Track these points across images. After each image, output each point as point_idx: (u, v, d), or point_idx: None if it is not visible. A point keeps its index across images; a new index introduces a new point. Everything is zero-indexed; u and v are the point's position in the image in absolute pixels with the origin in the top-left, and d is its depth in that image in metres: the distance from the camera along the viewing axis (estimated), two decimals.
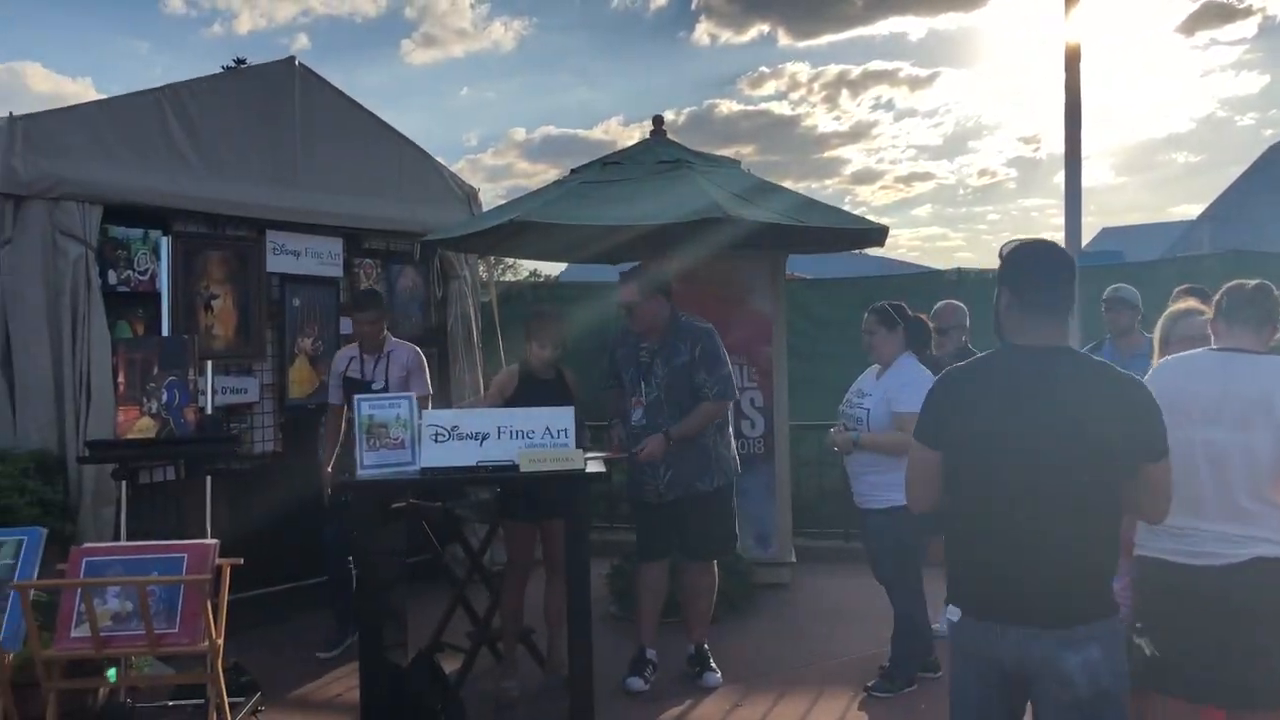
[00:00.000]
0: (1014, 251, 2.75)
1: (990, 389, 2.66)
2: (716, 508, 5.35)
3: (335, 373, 5.95)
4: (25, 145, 5.32)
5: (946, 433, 2.71)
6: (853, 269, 15.51)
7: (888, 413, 5.01)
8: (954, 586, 2.73)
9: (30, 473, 5.05)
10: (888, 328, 5.14)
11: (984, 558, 2.62)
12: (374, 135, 7.31)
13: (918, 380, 4.99)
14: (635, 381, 5.28)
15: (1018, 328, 2.69)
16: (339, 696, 5.29)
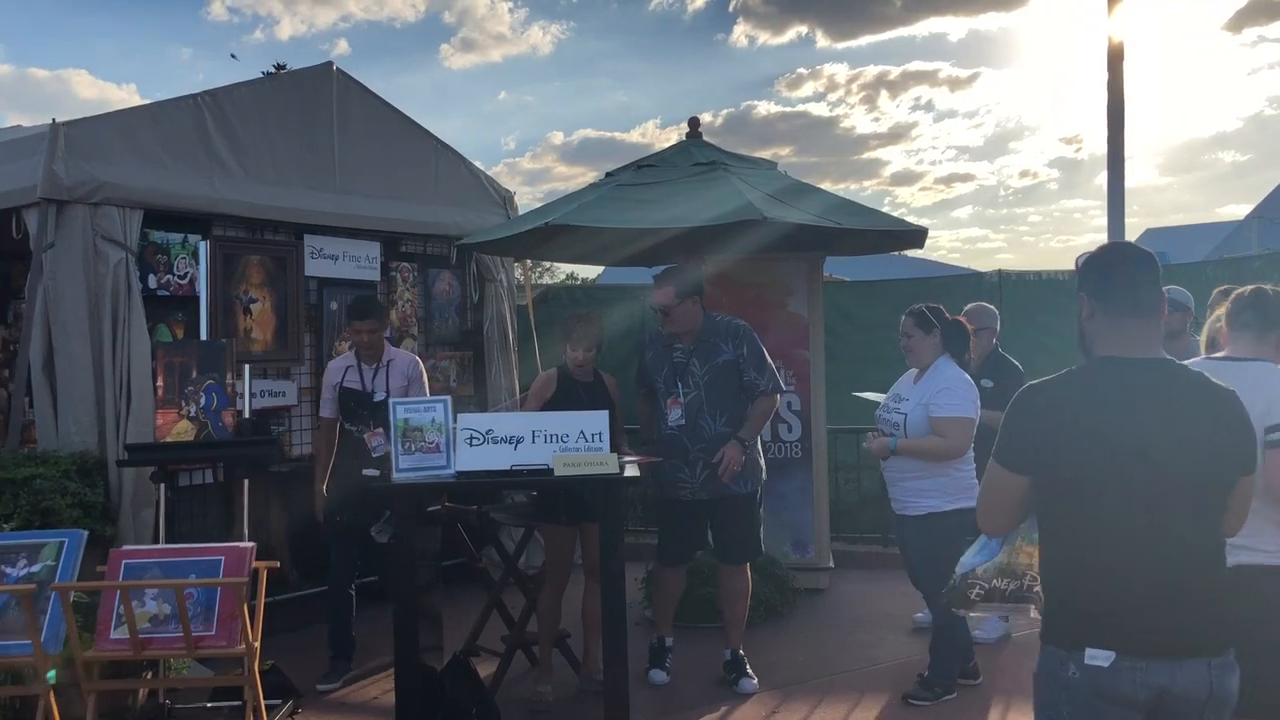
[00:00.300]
0: (1092, 257, 2.59)
1: (1093, 408, 2.41)
2: (748, 511, 5.34)
3: (329, 384, 5.61)
4: (68, 150, 5.38)
5: (1041, 457, 2.44)
6: (892, 271, 15.39)
7: (925, 417, 4.93)
8: (1088, 626, 2.38)
9: (72, 475, 5.10)
10: (924, 330, 5.06)
11: (1125, 592, 2.34)
12: (411, 139, 7.34)
13: (956, 384, 4.94)
14: (671, 382, 5.26)
15: (1105, 338, 2.49)
16: (375, 699, 5.30)
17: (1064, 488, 2.41)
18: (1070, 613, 2.41)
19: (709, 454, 5.15)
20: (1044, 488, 2.45)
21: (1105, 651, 2.33)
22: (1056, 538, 2.46)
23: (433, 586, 4.95)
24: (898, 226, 6.46)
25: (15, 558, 4.24)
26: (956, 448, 4.88)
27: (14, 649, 4.08)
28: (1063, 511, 2.43)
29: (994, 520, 2.67)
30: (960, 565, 2.98)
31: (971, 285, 9.41)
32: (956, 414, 4.88)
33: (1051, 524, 2.48)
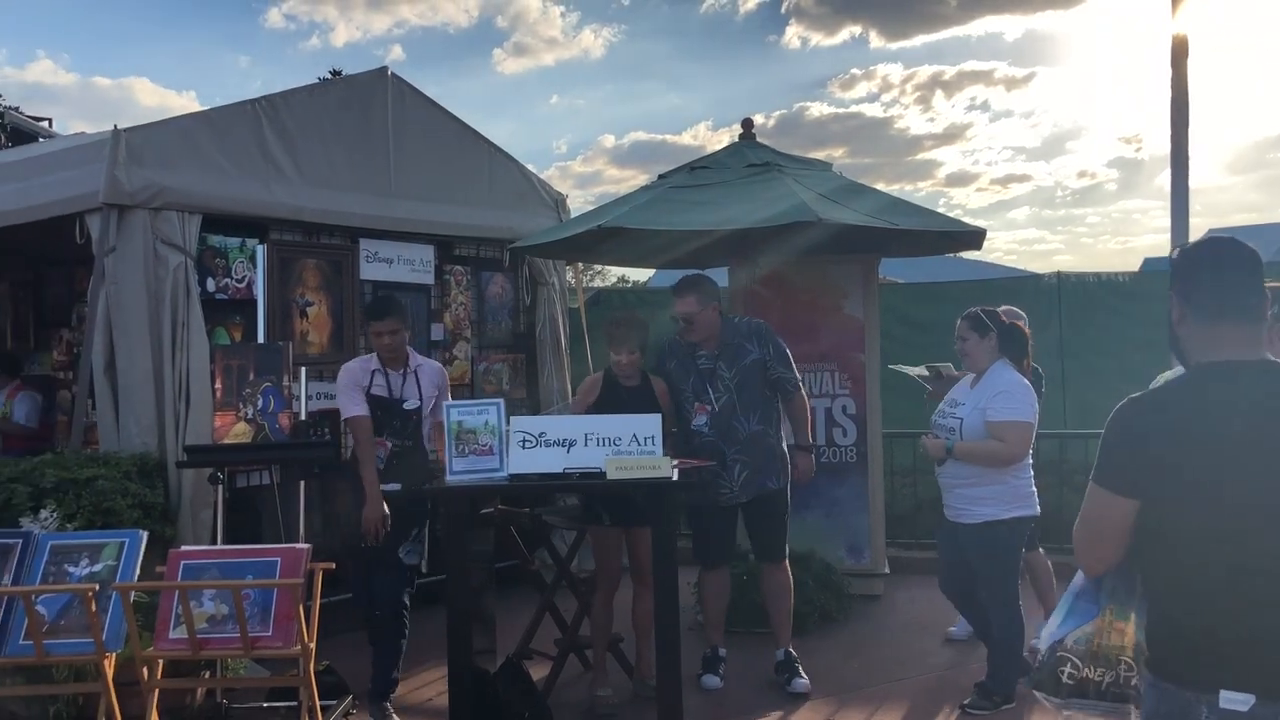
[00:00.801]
0: (1184, 254, 2.38)
1: (1211, 420, 2.18)
2: (781, 506, 5.40)
3: (355, 384, 5.05)
4: (129, 156, 5.47)
5: (1154, 478, 2.20)
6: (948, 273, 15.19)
7: (982, 422, 4.84)
8: (1223, 666, 2.14)
9: (132, 475, 5.18)
10: (979, 334, 4.97)
11: (1264, 627, 2.11)
12: (464, 143, 7.38)
13: (1013, 388, 4.85)
14: (700, 389, 5.26)
15: (1203, 343, 2.27)
16: (428, 701, 5.32)
17: (1186, 511, 2.17)
18: (1199, 649, 2.17)
19: (746, 455, 5.21)
20: (1159, 512, 2.21)
21: (1244, 695, 2.11)
22: (1178, 567, 2.21)
23: (486, 589, 4.95)
24: (955, 227, 6.37)
25: (78, 557, 4.31)
26: (1015, 453, 4.79)
27: (77, 647, 4.15)
28: (1186, 537, 2.18)
29: (1096, 551, 2.37)
30: (1045, 636, 2.67)
31: (1029, 287, 9.26)
32: (1014, 418, 4.79)
33: (1170, 552, 2.22)
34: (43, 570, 4.27)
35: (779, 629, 5.46)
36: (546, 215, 7.82)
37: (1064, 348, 8.92)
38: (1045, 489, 7.73)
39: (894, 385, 7.30)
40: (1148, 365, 4.33)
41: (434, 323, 7.20)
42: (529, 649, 5.50)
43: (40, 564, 4.29)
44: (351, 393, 5.06)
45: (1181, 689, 2.16)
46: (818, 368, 6.92)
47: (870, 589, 6.93)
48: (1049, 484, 7.74)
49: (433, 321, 7.18)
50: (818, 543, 6.62)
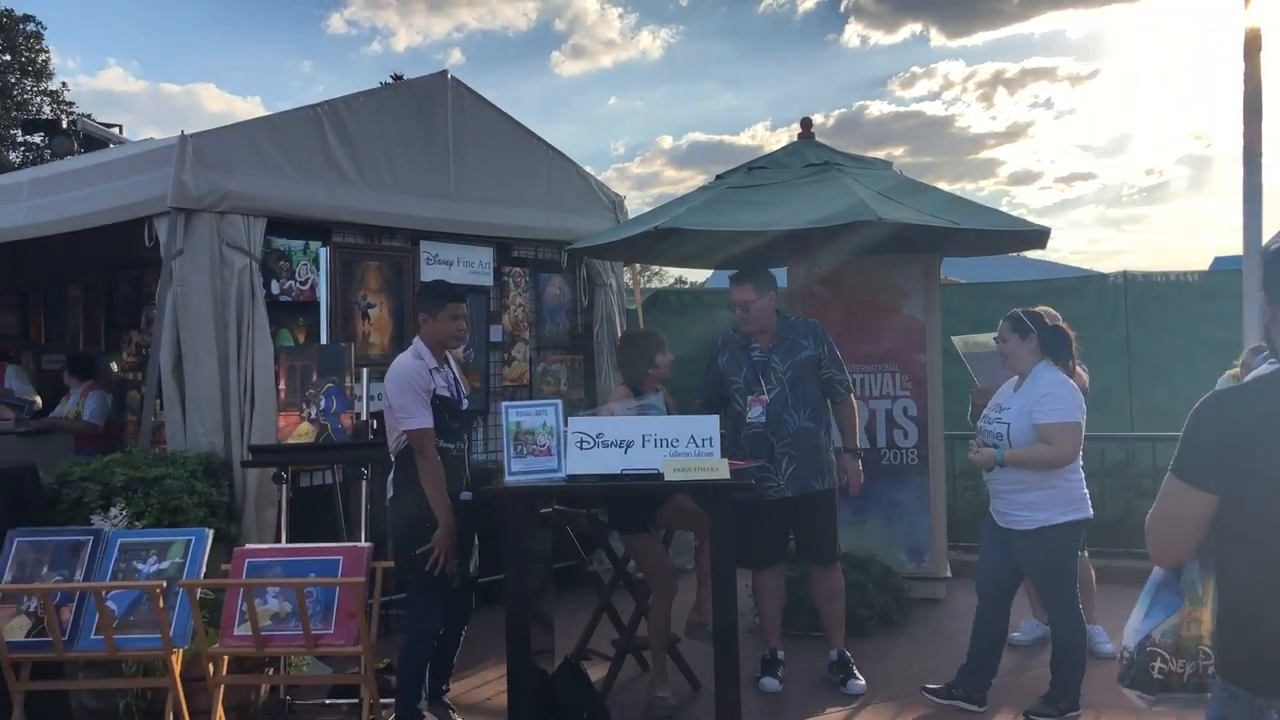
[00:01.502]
0: (1273, 254, 2.30)
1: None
2: (829, 509, 5.41)
3: (423, 388, 4.54)
4: (195, 161, 5.57)
5: (1236, 473, 2.13)
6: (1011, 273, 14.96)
7: (1030, 426, 4.74)
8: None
9: (199, 475, 5.27)
10: (1020, 335, 4.87)
11: None
12: (523, 146, 7.42)
13: (1059, 389, 4.75)
14: (753, 380, 5.29)
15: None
16: (487, 700, 5.34)
17: (1268, 511, 2.10)
18: (1274, 655, 2.11)
19: (794, 449, 5.22)
20: (1239, 509, 2.15)
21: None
22: (1255, 568, 2.14)
23: (544, 589, 4.97)
24: (1018, 226, 6.27)
25: (146, 554, 4.41)
26: (1065, 454, 4.70)
27: (145, 643, 4.23)
28: (1264, 538, 2.12)
29: (1171, 545, 2.33)
30: (1132, 633, 2.64)
31: (1094, 287, 9.08)
32: (1063, 419, 4.70)
33: (1247, 552, 2.16)
34: (113, 567, 4.37)
35: (833, 630, 5.46)
36: (604, 217, 7.84)
37: (1130, 349, 8.73)
38: (1112, 493, 7.62)
39: (956, 386, 7.20)
40: (1218, 366, 4.21)
41: (493, 324, 7.24)
42: (587, 649, 5.50)
43: (110, 561, 4.39)
44: (418, 398, 4.52)
45: (1253, 695, 2.11)
46: (878, 369, 6.85)
47: (932, 593, 6.84)
48: (1116, 488, 7.60)
49: (491, 323, 7.23)
50: (878, 546, 6.55)
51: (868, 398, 6.86)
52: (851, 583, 6.06)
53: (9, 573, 4.32)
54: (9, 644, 4.17)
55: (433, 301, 4.66)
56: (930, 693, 5.05)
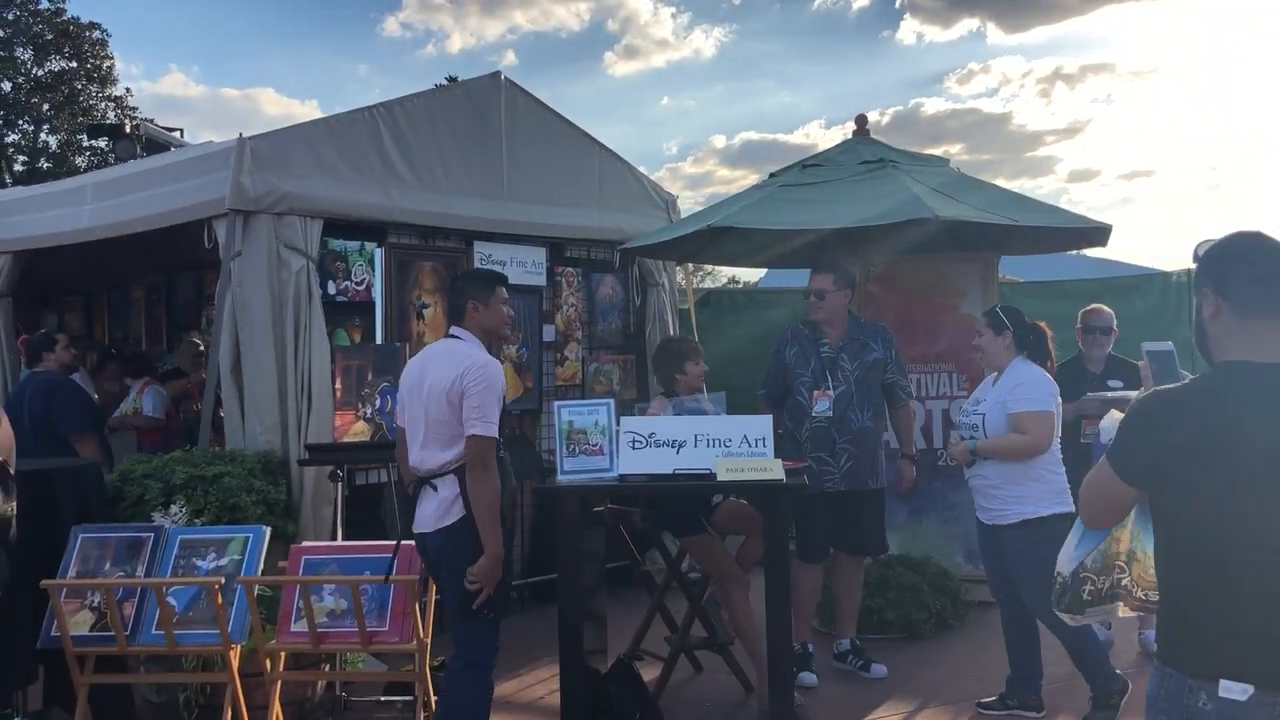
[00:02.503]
0: (1216, 248, 2.33)
1: (1231, 421, 2.16)
2: (880, 506, 5.55)
3: (500, 394, 3.96)
4: (253, 163, 5.64)
5: (1165, 472, 2.23)
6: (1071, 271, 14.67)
7: (1003, 416, 4.75)
8: (1223, 657, 2.18)
9: (257, 473, 5.34)
10: (995, 331, 4.90)
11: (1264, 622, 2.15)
12: (575, 146, 7.42)
13: (1032, 380, 4.76)
14: (820, 375, 5.35)
15: (1234, 340, 2.25)
16: (540, 699, 5.35)
17: (1201, 508, 2.19)
18: (1203, 640, 2.21)
19: (855, 446, 5.32)
20: (1174, 504, 2.24)
21: (1242, 685, 2.14)
22: (1189, 560, 2.24)
23: (597, 589, 4.97)
24: (1078, 223, 6.15)
25: (205, 551, 4.47)
26: (1038, 443, 4.67)
27: (204, 638, 4.30)
28: (1197, 532, 2.21)
29: (1100, 519, 2.56)
30: (1065, 562, 2.87)
31: (1156, 285, 8.88)
32: (1035, 408, 4.69)
33: (1181, 544, 2.25)
34: (173, 563, 4.44)
35: (848, 620, 5.62)
36: (657, 216, 7.83)
37: (1194, 347, 8.54)
38: None
39: None
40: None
41: (545, 324, 7.26)
42: (640, 650, 5.49)
43: (170, 557, 4.46)
44: (499, 402, 3.92)
45: (1184, 675, 2.20)
46: (934, 368, 6.77)
47: (988, 595, 6.70)
48: None
49: (544, 323, 7.24)
50: (934, 548, 6.47)
51: (924, 398, 6.78)
52: (907, 585, 6.01)
53: (74, 568, 4.41)
54: (74, 638, 4.25)
55: (483, 288, 4.23)
56: (985, 707, 4.97)
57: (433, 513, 3.90)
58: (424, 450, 3.91)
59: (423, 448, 3.92)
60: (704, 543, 5.10)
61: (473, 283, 4.30)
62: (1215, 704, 2.15)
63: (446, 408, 3.85)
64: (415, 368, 4.10)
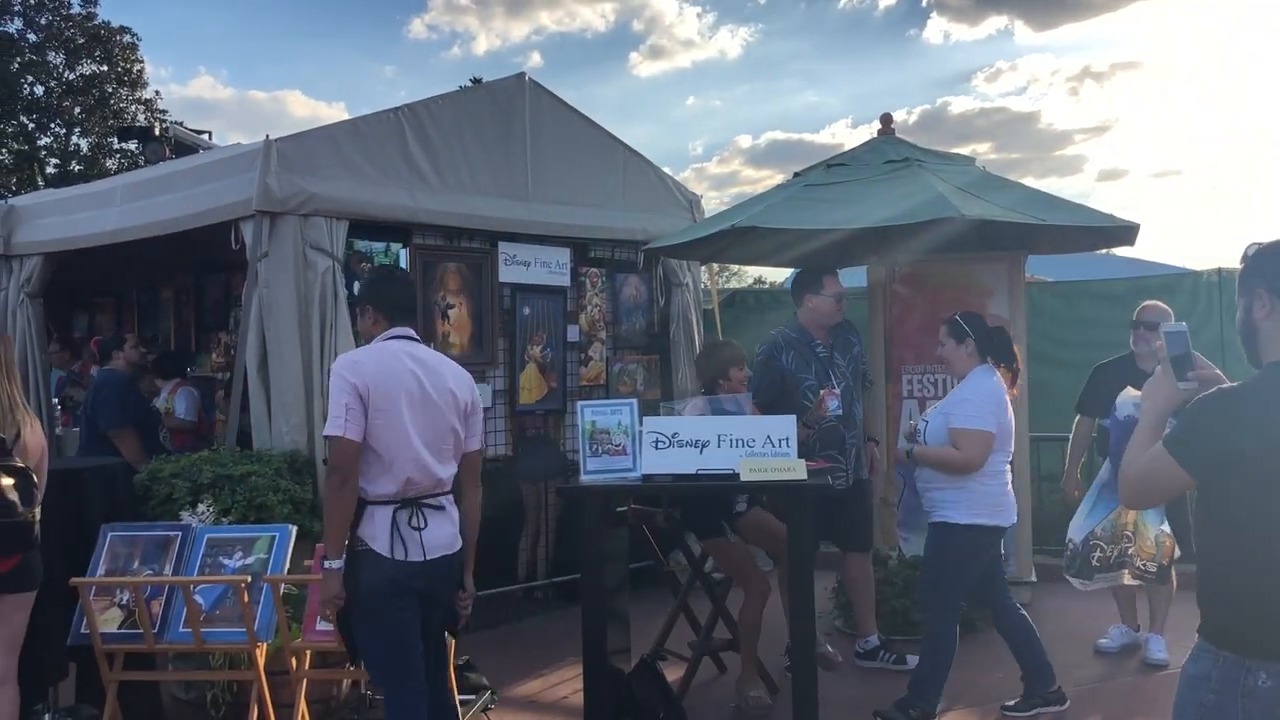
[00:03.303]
0: (1271, 250, 2.42)
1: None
2: (870, 495, 5.80)
3: None
4: (280, 165, 5.67)
5: (1223, 467, 2.35)
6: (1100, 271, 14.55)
7: (943, 426, 4.73)
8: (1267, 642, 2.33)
9: (283, 472, 5.37)
10: (956, 339, 4.86)
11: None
12: (600, 146, 7.43)
13: (978, 395, 4.72)
14: (824, 376, 5.46)
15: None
16: (565, 699, 5.36)
17: (1258, 500, 2.31)
18: (1262, 624, 2.34)
19: (857, 439, 5.55)
20: (1237, 499, 2.35)
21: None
22: (1250, 550, 2.35)
23: (621, 589, 4.97)
24: (1106, 222, 6.09)
25: (232, 550, 4.51)
26: (970, 462, 4.64)
27: (230, 636, 4.32)
28: (1258, 523, 2.32)
29: (1148, 501, 2.67)
30: (1076, 530, 3.15)
31: (1187, 284, 8.78)
32: (971, 426, 4.66)
33: (1242, 535, 2.36)
34: (200, 562, 4.47)
35: (869, 616, 5.70)
36: (681, 216, 7.82)
37: (1225, 348, 8.43)
38: None
39: (1041, 387, 7.04)
40: None
41: (570, 324, 7.27)
42: (664, 650, 5.49)
43: (198, 556, 4.49)
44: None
45: (1243, 657, 2.33)
46: None
47: (1016, 597, 6.67)
48: None
49: (568, 323, 7.26)
50: None
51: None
52: None
53: (103, 566, 4.45)
54: (103, 635, 4.29)
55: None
56: (1010, 710, 4.94)
57: (454, 533, 3.71)
58: (443, 464, 3.69)
59: (442, 461, 3.68)
60: (724, 546, 5.10)
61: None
62: (1275, 682, 2.29)
63: (460, 420, 3.75)
64: (393, 375, 3.65)
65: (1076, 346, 8.25)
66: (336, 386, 3.53)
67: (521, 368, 6.99)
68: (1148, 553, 4.55)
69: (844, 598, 6.26)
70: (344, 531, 3.52)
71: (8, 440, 3.93)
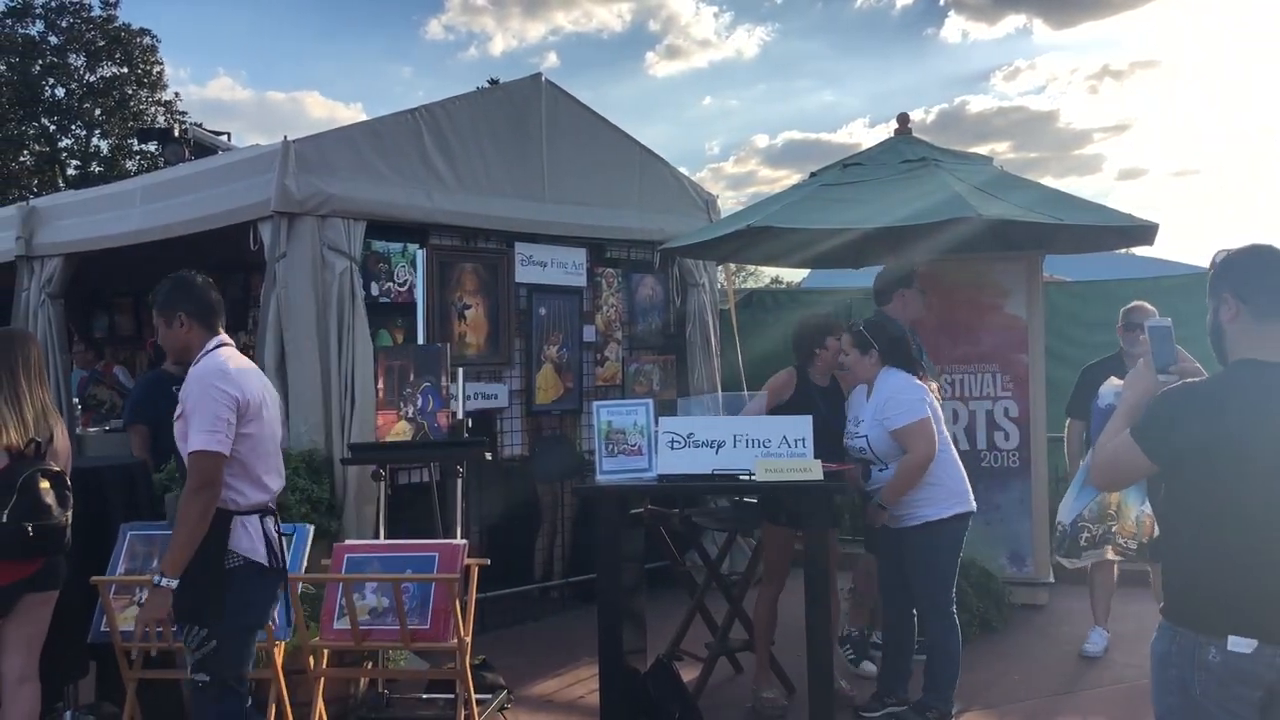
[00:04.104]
0: (1238, 259, 2.63)
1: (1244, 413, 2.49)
2: None
3: None
4: (298, 166, 5.70)
5: (1184, 453, 2.53)
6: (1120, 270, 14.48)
7: (884, 433, 4.69)
8: (1233, 616, 2.50)
9: (301, 472, 5.40)
10: (861, 351, 4.83)
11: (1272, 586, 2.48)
12: (616, 147, 7.44)
13: (898, 390, 4.71)
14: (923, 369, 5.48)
15: (1249, 340, 2.56)
16: (581, 699, 5.37)
17: (1221, 490, 2.49)
18: (1214, 601, 2.51)
19: None
20: (1196, 485, 2.53)
21: (1249, 640, 2.46)
22: (1203, 530, 2.53)
23: (637, 589, 4.97)
24: (1124, 221, 6.06)
25: None
26: (926, 452, 4.63)
27: None
28: (1215, 510, 2.51)
29: (1111, 483, 2.87)
30: (1065, 513, 3.34)
31: (1207, 284, 8.73)
32: (910, 419, 4.64)
33: (1200, 519, 2.54)
34: None
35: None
36: (697, 216, 7.82)
37: None
38: None
39: (1058, 387, 7.01)
40: None
41: (585, 324, 7.28)
42: (679, 650, 5.49)
43: None
44: None
45: (1196, 633, 2.51)
46: (978, 369, 6.72)
47: (1033, 599, 6.67)
48: None
49: (584, 323, 7.27)
50: (977, 550, 6.39)
51: (967, 399, 6.73)
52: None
53: (122, 564, 4.48)
54: (122, 633, 4.31)
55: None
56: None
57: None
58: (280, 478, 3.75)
59: (280, 475, 3.74)
60: (778, 533, 5.07)
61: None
62: (1224, 656, 2.47)
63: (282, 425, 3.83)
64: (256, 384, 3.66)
65: (1095, 347, 8.17)
66: (213, 399, 3.43)
67: (538, 368, 7.01)
68: (1129, 531, 4.73)
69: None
70: (193, 550, 3.40)
71: (42, 443, 3.98)
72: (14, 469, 3.86)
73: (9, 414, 3.93)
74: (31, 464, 3.90)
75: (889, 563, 4.95)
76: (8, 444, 3.88)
